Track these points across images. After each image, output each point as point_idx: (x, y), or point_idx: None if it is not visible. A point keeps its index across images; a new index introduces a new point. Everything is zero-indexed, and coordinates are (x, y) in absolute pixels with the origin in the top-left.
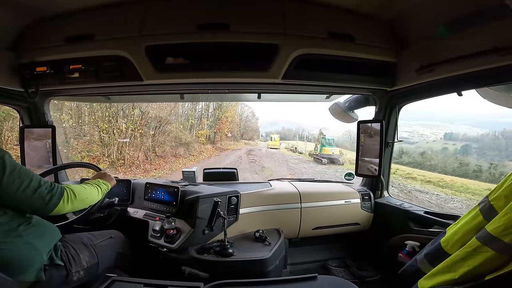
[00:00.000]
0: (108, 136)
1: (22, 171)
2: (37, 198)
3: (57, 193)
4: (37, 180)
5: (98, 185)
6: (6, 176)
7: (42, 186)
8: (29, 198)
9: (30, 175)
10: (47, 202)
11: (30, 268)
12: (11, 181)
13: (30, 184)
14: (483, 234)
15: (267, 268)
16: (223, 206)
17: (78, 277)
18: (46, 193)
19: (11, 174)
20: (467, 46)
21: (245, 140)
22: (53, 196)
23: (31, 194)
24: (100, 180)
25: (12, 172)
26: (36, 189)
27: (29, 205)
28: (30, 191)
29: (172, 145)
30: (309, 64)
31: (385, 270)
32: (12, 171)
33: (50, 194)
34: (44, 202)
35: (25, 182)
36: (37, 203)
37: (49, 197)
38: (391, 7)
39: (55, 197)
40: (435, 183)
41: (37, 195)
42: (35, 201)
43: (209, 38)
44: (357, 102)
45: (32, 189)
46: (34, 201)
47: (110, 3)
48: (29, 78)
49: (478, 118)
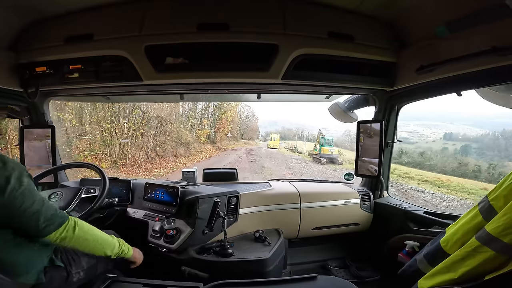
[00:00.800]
0: (110, 135)
1: (28, 192)
2: (35, 221)
3: (57, 221)
4: (41, 203)
5: (119, 242)
6: (7, 193)
7: (44, 210)
8: (27, 219)
9: (36, 197)
10: (43, 227)
11: (31, 270)
12: (12, 198)
13: (32, 206)
14: (483, 234)
15: (267, 268)
16: (223, 206)
17: (78, 278)
18: (45, 218)
19: (14, 191)
20: (467, 46)
21: (245, 140)
22: (52, 223)
23: (30, 215)
24: (127, 245)
25: (17, 189)
26: (36, 212)
27: (26, 226)
28: (30, 213)
29: (172, 145)
30: (309, 64)
31: (385, 270)
32: (17, 188)
33: (51, 219)
34: (40, 226)
35: (26, 203)
36: (34, 226)
37: (46, 222)
38: (391, 7)
39: (54, 224)
40: (432, 182)
41: (36, 218)
42: (33, 224)
43: (209, 38)
44: (357, 102)
45: (32, 211)
46: (31, 224)
47: (110, 3)
48: (28, 78)
49: (478, 118)
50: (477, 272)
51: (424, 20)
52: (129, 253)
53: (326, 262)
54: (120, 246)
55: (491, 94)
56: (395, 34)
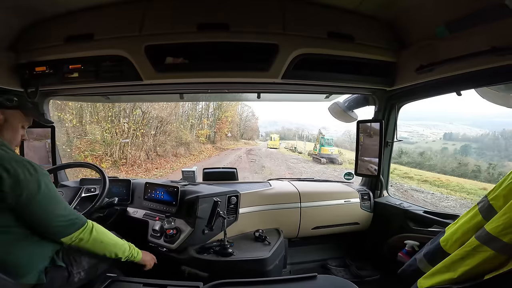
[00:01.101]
0: (110, 135)
1: (54, 195)
2: (59, 223)
3: (79, 223)
4: (64, 206)
5: (130, 245)
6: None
7: (68, 213)
8: (52, 222)
9: (61, 200)
10: (65, 229)
11: (32, 270)
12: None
13: (57, 209)
14: (482, 234)
15: (267, 267)
16: (223, 205)
17: (79, 278)
18: (65, 224)
19: (44, 195)
20: (466, 46)
21: (244, 140)
22: (73, 225)
23: (56, 218)
24: (136, 249)
25: (47, 194)
26: (61, 215)
27: (50, 228)
28: (56, 216)
29: (172, 145)
30: (309, 64)
31: (385, 269)
32: (47, 193)
33: (74, 222)
34: (63, 228)
35: (54, 206)
36: (58, 228)
37: (68, 225)
38: (391, 7)
39: (75, 226)
40: (431, 182)
41: (60, 221)
42: (57, 226)
43: (209, 38)
44: (357, 101)
45: (58, 214)
46: (55, 226)
47: (110, 2)
48: (28, 78)
49: (477, 118)
50: (477, 272)
51: (424, 20)
52: (138, 257)
53: (326, 262)
54: (130, 250)
55: (490, 94)
56: (395, 34)
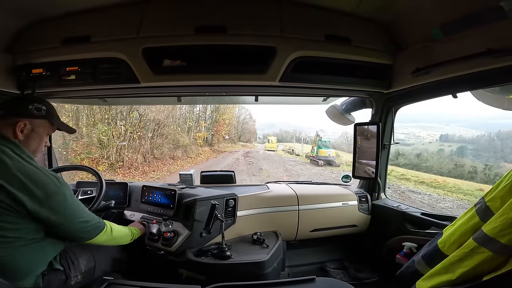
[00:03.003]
0: (107, 138)
1: (77, 204)
2: (84, 229)
3: (101, 227)
4: (87, 213)
5: (130, 230)
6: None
7: (91, 219)
8: (78, 228)
9: (83, 209)
10: (90, 233)
11: (30, 274)
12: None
13: (81, 216)
14: (480, 235)
15: (265, 270)
16: (221, 208)
17: (76, 281)
18: (92, 226)
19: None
20: (462, 48)
21: (242, 143)
22: (96, 229)
23: (80, 224)
24: (132, 228)
25: (71, 204)
26: (85, 221)
27: (75, 233)
28: (81, 222)
29: (170, 147)
30: (306, 67)
31: (383, 271)
32: (70, 203)
33: (96, 226)
34: (88, 233)
35: (78, 214)
36: (83, 233)
37: (92, 229)
38: (388, 9)
39: (98, 229)
40: (428, 183)
41: (85, 227)
42: (82, 231)
43: (206, 41)
44: (354, 104)
45: (82, 221)
46: (80, 231)
47: (107, 5)
48: (25, 80)
49: (473, 119)
50: (475, 273)
51: (420, 22)
52: (138, 234)
53: (324, 264)
54: (132, 234)
55: (486, 96)
56: (391, 37)
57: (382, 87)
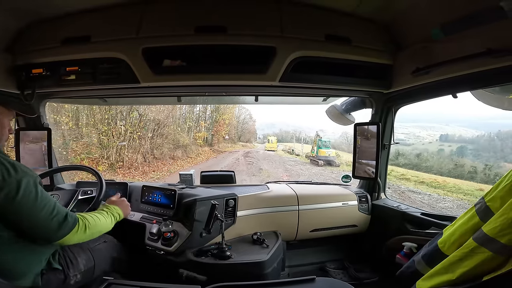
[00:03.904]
0: (107, 138)
1: (39, 196)
2: (47, 225)
3: (69, 224)
4: (52, 208)
5: (112, 213)
6: (19, 197)
7: (56, 215)
8: (39, 224)
9: (48, 202)
10: (55, 231)
11: (28, 273)
12: (24, 203)
13: (43, 210)
14: (480, 235)
15: (265, 270)
16: (221, 208)
17: (75, 281)
18: (57, 223)
19: (24, 196)
20: (462, 48)
21: (242, 143)
22: (64, 227)
23: (43, 220)
24: (116, 208)
25: (28, 195)
26: (48, 217)
27: (38, 230)
28: (42, 218)
29: (170, 147)
30: (306, 67)
31: (383, 271)
32: (28, 194)
33: (62, 224)
34: (52, 231)
35: (38, 208)
36: (46, 231)
37: (57, 227)
38: (388, 9)
39: (65, 228)
40: (428, 183)
41: (47, 223)
42: (45, 228)
43: (206, 41)
44: (354, 104)
45: (44, 216)
46: (43, 228)
47: (107, 5)
48: (25, 80)
49: (473, 119)
50: (475, 273)
51: (420, 22)
52: (121, 215)
53: (324, 264)
54: (115, 218)
55: (486, 96)
56: (391, 37)
57: (382, 87)
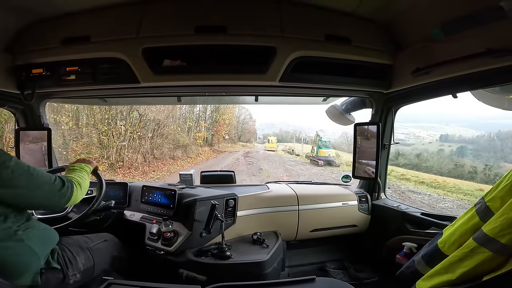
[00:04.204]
0: (107, 138)
1: (32, 169)
2: (54, 193)
3: (70, 187)
4: (49, 177)
5: (84, 169)
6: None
7: (55, 182)
8: (46, 194)
9: (43, 172)
10: (62, 197)
11: (26, 272)
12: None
13: (44, 181)
14: (480, 235)
15: (265, 270)
16: (221, 208)
17: (75, 280)
18: (61, 189)
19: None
20: (462, 48)
21: (242, 143)
22: (68, 190)
23: (48, 191)
24: (82, 164)
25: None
26: (52, 186)
27: (48, 201)
28: (47, 189)
29: (170, 147)
30: (306, 67)
31: (383, 271)
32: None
33: (65, 188)
34: (60, 197)
35: (38, 180)
36: (55, 199)
37: (64, 192)
38: (388, 10)
39: (69, 191)
40: (428, 184)
41: (54, 191)
42: (53, 197)
43: (206, 41)
44: (354, 104)
45: (48, 186)
46: (51, 197)
47: (107, 5)
48: (25, 80)
49: (473, 119)
50: (475, 273)
51: (420, 22)
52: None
53: (324, 264)
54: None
55: (486, 96)
56: (391, 37)
57: (382, 87)
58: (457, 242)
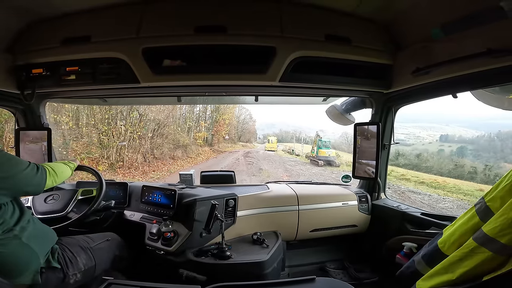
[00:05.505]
0: (107, 138)
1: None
2: (32, 178)
3: (44, 171)
4: (25, 162)
5: (66, 164)
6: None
7: (32, 168)
8: (28, 181)
9: (17, 158)
10: (41, 180)
11: (26, 271)
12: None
13: (25, 167)
14: (480, 235)
15: (265, 270)
16: (221, 208)
17: (75, 280)
18: (37, 173)
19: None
20: (462, 48)
21: (242, 143)
22: (43, 175)
23: (27, 175)
24: (65, 161)
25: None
26: (31, 171)
27: (27, 185)
28: (27, 173)
29: (170, 147)
30: (306, 67)
31: (383, 271)
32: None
33: (40, 172)
34: (38, 181)
35: (20, 166)
36: (36, 183)
37: (40, 176)
38: (388, 10)
39: (44, 175)
40: (428, 184)
41: (31, 176)
42: (34, 182)
43: (206, 41)
44: (354, 104)
45: (27, 170)
46: (34, 184)
47: (107, 5)
48: (25, 80)
49: (473, 120)
50: (475, 273)
51: (420, 22)
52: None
53: (324, 264)
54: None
55: (486, 96)
56: (391, 37)
57: (382, 87)
58: (457, 242)
